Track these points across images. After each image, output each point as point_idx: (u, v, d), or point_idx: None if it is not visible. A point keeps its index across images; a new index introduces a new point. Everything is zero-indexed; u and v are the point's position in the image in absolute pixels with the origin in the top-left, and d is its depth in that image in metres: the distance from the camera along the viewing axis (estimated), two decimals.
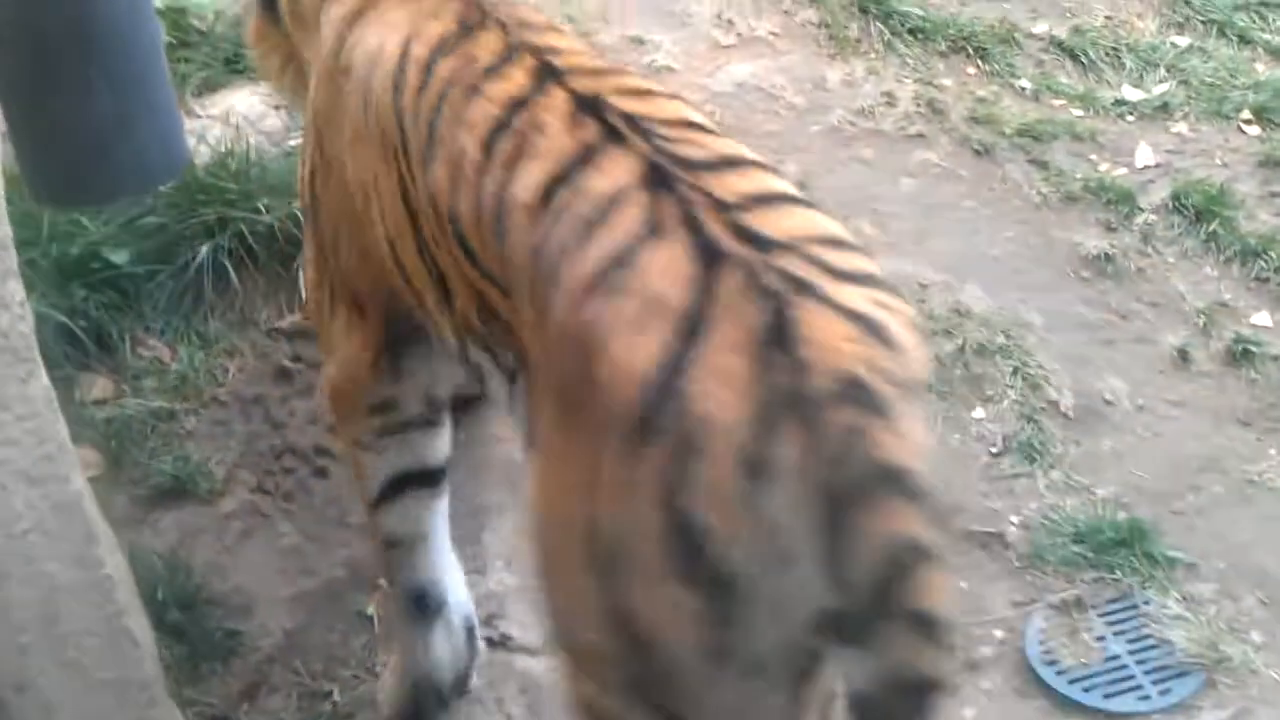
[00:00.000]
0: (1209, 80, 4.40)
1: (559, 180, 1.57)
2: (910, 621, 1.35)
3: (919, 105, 4.19)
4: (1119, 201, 3.83)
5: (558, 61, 1.77)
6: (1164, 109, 4.27)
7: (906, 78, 4.32)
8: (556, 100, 1.68)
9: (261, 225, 3.24)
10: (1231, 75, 4.44)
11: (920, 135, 4.09)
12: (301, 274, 2.43)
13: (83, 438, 2.80)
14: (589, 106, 1.65)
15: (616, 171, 1.54)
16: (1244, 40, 4.64)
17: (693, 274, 1.39)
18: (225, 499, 2.89)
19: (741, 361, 1.32)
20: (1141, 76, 4.41)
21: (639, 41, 4.47)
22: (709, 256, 1.40)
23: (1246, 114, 4.28)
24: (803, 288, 1.37)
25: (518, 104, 1.70)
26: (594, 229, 1.49)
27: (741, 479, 1.31)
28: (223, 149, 3.37)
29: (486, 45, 1.81)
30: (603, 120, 1.62)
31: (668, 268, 1.41)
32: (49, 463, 1.58)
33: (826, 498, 1.31)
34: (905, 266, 3.55)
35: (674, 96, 1.81)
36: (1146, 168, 4.03)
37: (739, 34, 4.55)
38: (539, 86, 1.71)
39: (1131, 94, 4.33)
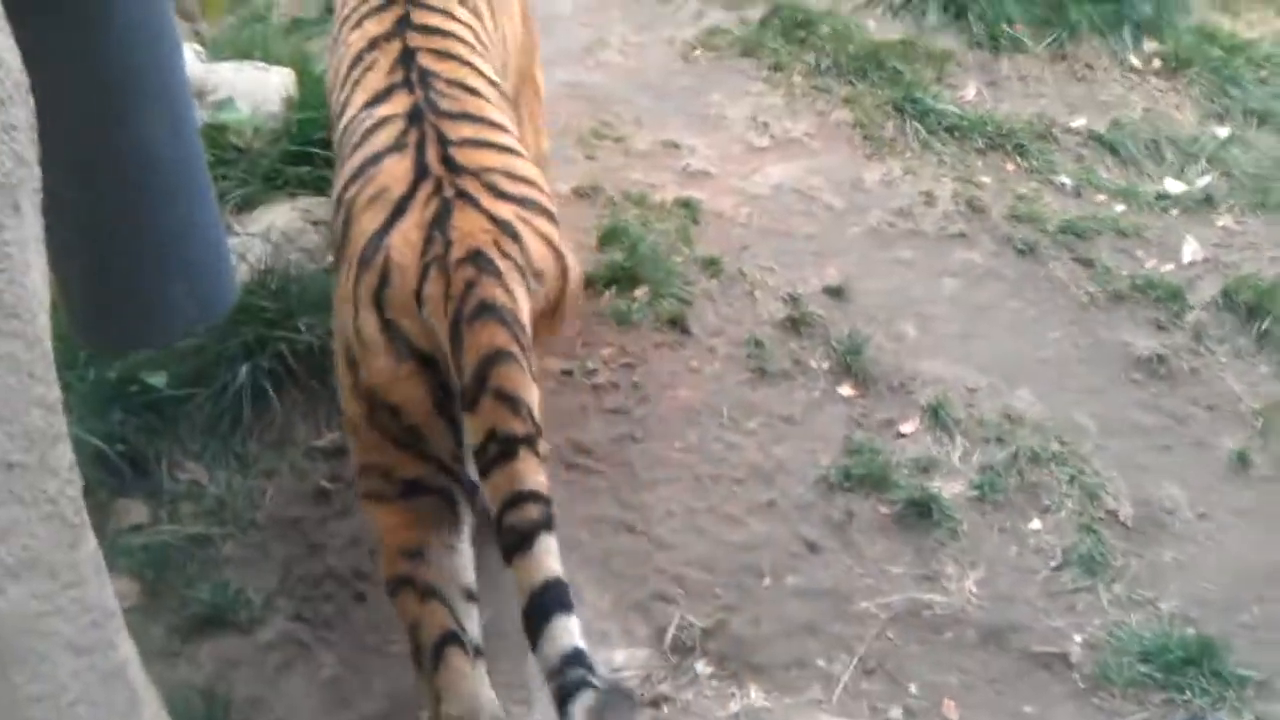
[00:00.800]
0: (1252, 171, 4.36)
1: (368, 104, 2.53)
2: (497, 396, 2.19)
3: (958, 204, 4.14)
4: (1168, 299, 3.76)
5: (414, 15, 2.68)
6: (1208, 202, 4.22)
7: (945, 176, 4.29)
8: (393, 47, 2.62)
9: (301, 344, 3.22)
10: (1275, 166, 4.40)
11: (961, 234, 4.04)
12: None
13: (119, 567, 2.77)
14: (407, 58, 2.59)
15: (395, 105, 2.49)
16: None
17: (408, 179, 2.35)
18: (264, 628, 2.83)
19: (418, 234, 2.29)
20: (1183, 169, 4.37)
21: (674, 145, 4.47)
22: (420, 170, 2.37)
23: None
24: (465, 198, 2.33)
25: (375, 41, 2.64)
26: (367, 137, 2.47)
27: (412, 300, 2.26)
28: (262, 267, 3.36)
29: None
30: (408, 70, 2.56)
31: (396, 172, 2.37)
32: (95, 630, 1.53)
33: (453, 318, 2.22)
34: (952, 370, 3.50)
35: (467, 63, 2.66)
36: (1193, 263, 3.97)
37: (773, 136, 4.55)
38: (393, 33, 2.64)
39: (1174, 187, 4.28)
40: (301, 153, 3.87)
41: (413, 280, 2.25)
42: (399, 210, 2.31)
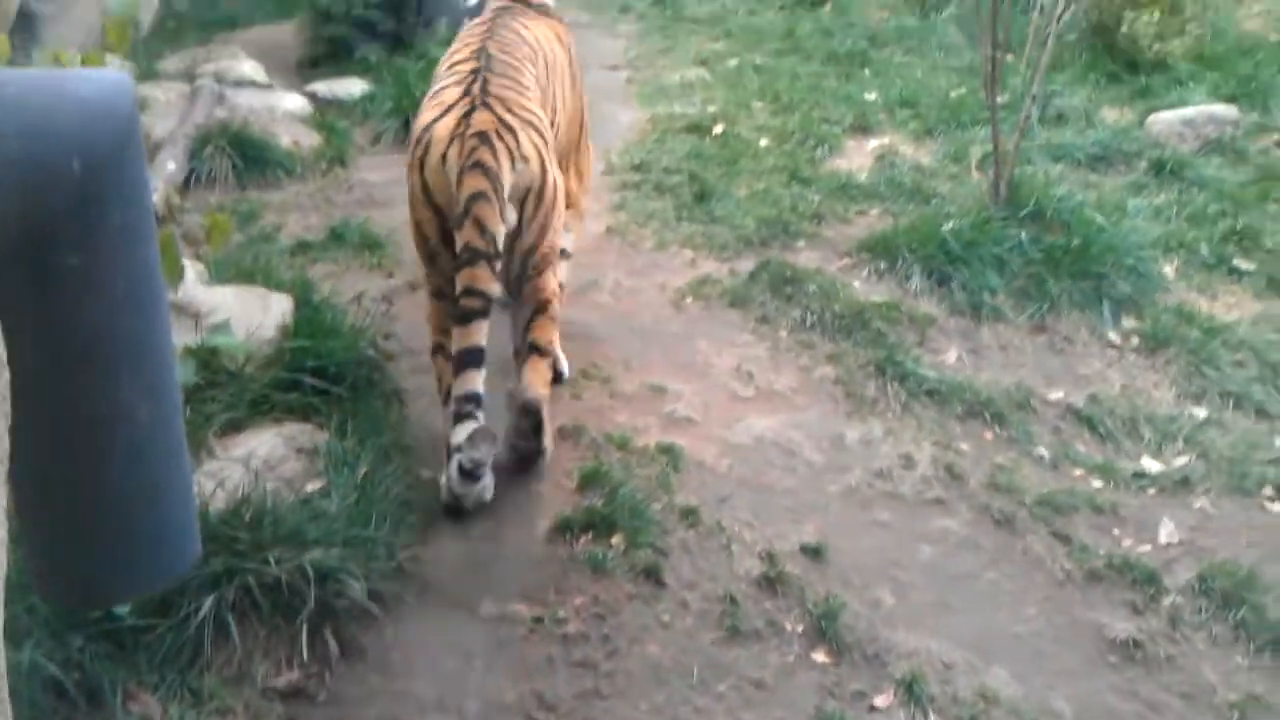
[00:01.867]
0: (1228, 455, 4.40)
1: (447, 70, 3.91)
2: (474, 222, 3.46)
3: (937, 469, 4.17)
4: (1144, 581, 3.74)
5: (491, 39, 3.97)
6: (1185, 483, 4.25)
7: (924, 440, 4.33)
8: (471, 58, 3.88)
9: (269, 577, 3.18)
10: (1251, 449, 4.45)
11: (939, 501, 4.05)
12: None
13: None
14: (480, 54, 3.87)
15: (464, 68, 3.82)
16: (1262, 413, 4.68)
17: (456, 97, 3.66)
18: None
19: (452, 122, 3.57)
20: (1160, 448, 4.43)
21: (660, 390, 4.53)
22: (465, 94, 3.66)
23: (1269, 490, 4.26)
24: (487, 107, 3.62)
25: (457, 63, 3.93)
26: (440, 81, 3.86)
27: (439, 163, 3.54)
28: (239, 495, 3.35)
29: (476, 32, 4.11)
30: (478, 59, 3.85)
31: (451, 95, 3.69)
32: None
33: (457, 170, 3.54)
34: (928, 642, 3.44)
35: (520, 77, 3.85)
36: (1170, 545, 3.97)
37: (758, 387, 4.61)
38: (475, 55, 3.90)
39: (1151, 466, 4.33)
40: (292, 380, 3.92)
41: (441, 148, 3.58)
42: (446, 111, 3.65)
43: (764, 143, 6.98)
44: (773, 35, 9.11)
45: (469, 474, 3.53)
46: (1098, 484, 4.22)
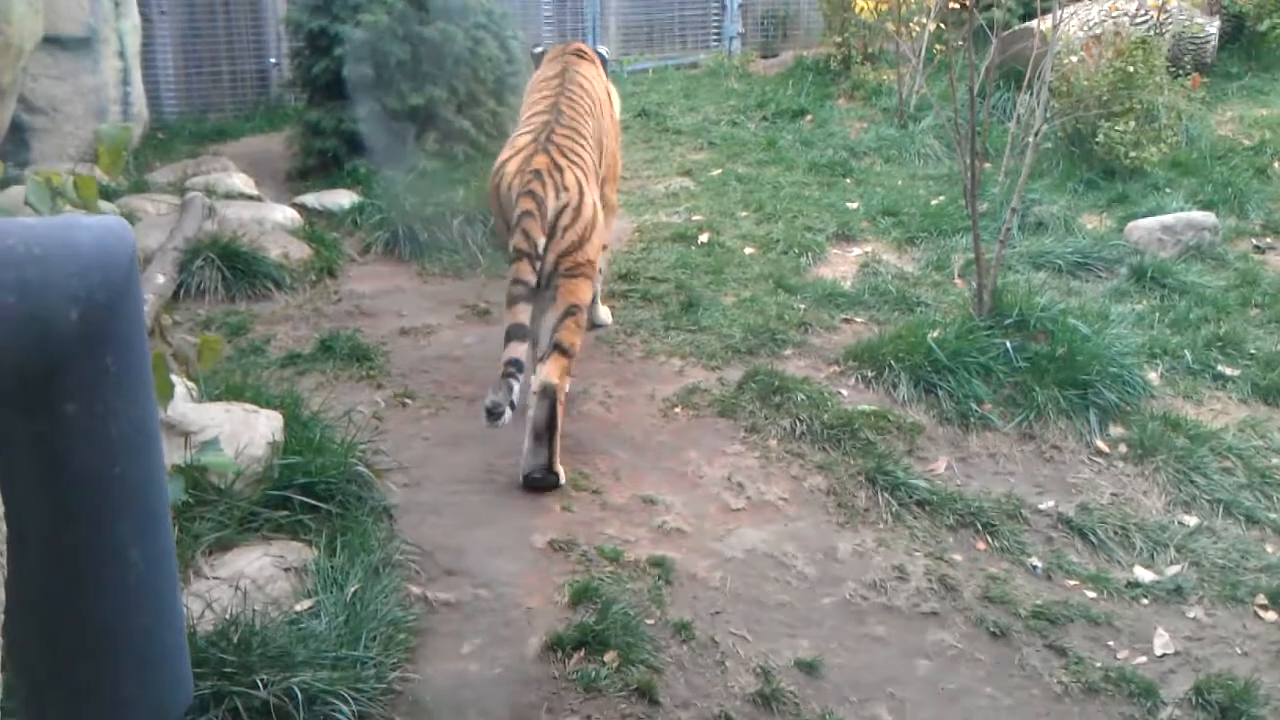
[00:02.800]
0: (1220, 563, 4.40)
1: (527, 118, 5.24)
2: (522, 230, 4.67)
3: (931, 581, 4.16)
4: (1141, 694, 3.71)
5: (563, 95, 5.25)
6: (1178, 592, 4.24)
7: (917, 551, 4.32)
8: (549, 101, 5.25)
9: (257, 701, 3.12)
10: (1242, 557, 4.45)
11: (934, 613, 4.03)
12: None
13: None
14: (553, 108, 5.18)
15: (537, 120, 5.12)
16: (1251, 520, 4.69)
17: (527, 141, 4.94)
18: None
19: (519, 161, 4.84)
20: (1152, 557, 4.42)
21: (651, 501, 4.52)
22: (534, 140, 4.93)
23: (1261, 599, 4.26)
24: (545, 152, 4.86)
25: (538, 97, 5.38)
26: (520, 128, 5.20)
27: (509, 189, 4.80)
28: (227, 617, 3.31)
29: (550, 73, 5.52)
30: (550, 111, 5.16)
31: (523, 140, 4.97)
32: None
33: (517, 195, 4.77)
34: None
35: (576, 124, 5.10)
36: (1165, 656, 3.94)
37: (749, 498, 4.61)
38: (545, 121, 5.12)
39: (1144, 575, 4.32)
40: (281, 498, 3.90)
41: (509, 179, 4.83)
42: (517, 153, 4.93)
43: (749, 251, 7.06)
44: (755, 146, 9.27)
45: (490, 412, 4.39)
46: (1091, 594, 4.20)
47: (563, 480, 4.55)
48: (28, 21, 7.14)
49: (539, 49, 6.10)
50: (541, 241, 4.68)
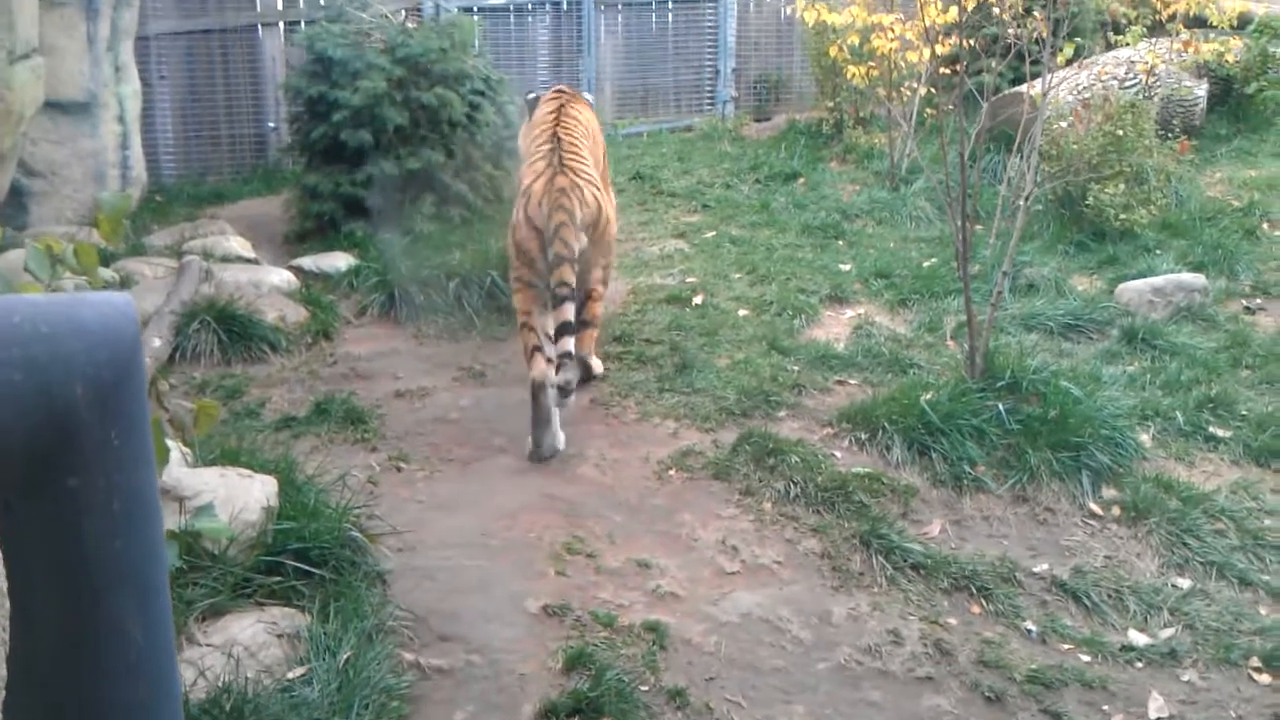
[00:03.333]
0: (1214, 625, 4.40)
1: (535, 146, 6.03)
2: (558, 240, 5.50)
3: (926, 645, 4.15)
4: None
5: (559, 125, 6.07)
6: (1172, 656, 4.23)
7: (912, 615, 4.32)
8: (550, 134, 6.00)
9: None
10: (1236, 620, 4.44)
11: (929, 678, 4.02)
12: None
13: None
14: (554, 137, 5.94)
15: (545, 147, 5.90)
16: (1245, 582, 4.69)
17: (544, 166, 5.76)
18: None
19: (543, 183, 5.64)
20: (1146, 620, 4.42)
21: (645, 565, 4.52)
22: (548, 165, 5.75)
23: (1255, 661, 4.24)
24: (563, 174, 5.69)
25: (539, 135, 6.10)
26: (532, 155, 5.99)
27: (536, 209, 5.58)
28: (220, 684, 3.30)
29: (547, 110, 6.27)
30: (554, 139, 5.94)
31: (540, 164, 5.79)
32: None
33: (546, 212, 5.56)
34: None
35: (577, 145, 5.96)
36: None
37: (743, 561, 4.61)
38: (552, 130, 6.04)
39: (1138, 639, 4.31)
40: (274, 563, 3.90)
41: (538, 198, 5.58)
42: (538, 176, 5.69)
43: (743, 313, 7.11)
44: (748, 208, 9.36)
45: (563, 390, 5.49)
46: (1086, 658, 4.19)
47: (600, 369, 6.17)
48: (29, 88, 7.23)
49: (532, 95, 6.89)
50: (580, 244, 5.61)
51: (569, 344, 5.45)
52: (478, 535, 4.67)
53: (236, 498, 3.99)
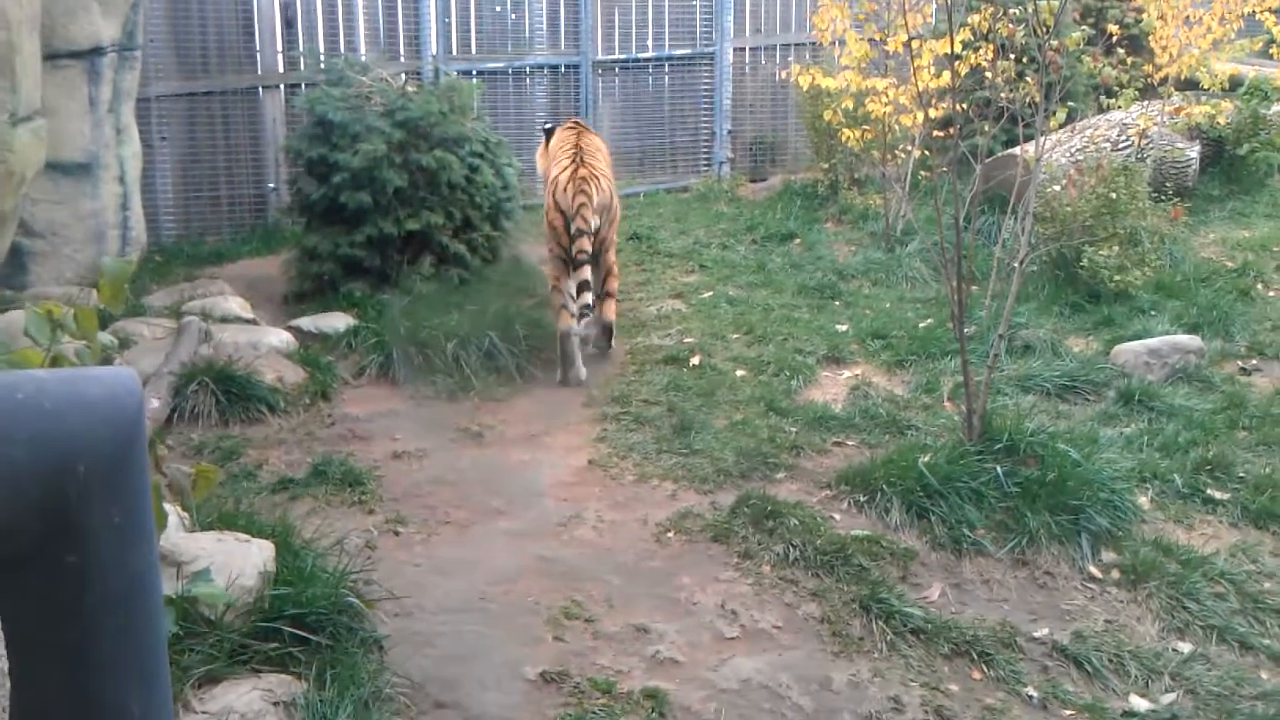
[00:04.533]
0: (1215, 690, 4.36)
1: (557, 157, 7.78)
2: (580, 218, 7.24)
3: (927, 712, 4.12)
4: None
5: (580, 142, 7.76)
6: None
7: (913, 681, 4.29)
8: (571, 155, 7.65)
9: None
10: (1237, 684, 4.41)
11: None
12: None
13: None
14: (577, 152, 7.61)
15: (569, 154, 7.58)
16: (1245, 646, 4.66)
17: (568, 163, 7.48)
18: None
19: (569, 174, 7.36)
20: (1148, 685, 4.38)
21: (644, 630, 4.50)
22: (571, 162, 7.47)
23: None
24: (583, 166, 7.43)
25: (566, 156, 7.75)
26: (557, 159, 7.73)
27: (563, 193, 7.33)
28: None
29: (566, 133, 8.03)
30: (576, 150, 7.65)
31: (565, 161, 7.53)
32: None
33: (571, 195, 7.29)
34: None
35: (595, 162, 7.63)
36: None
37: (743, 625, 4.58)
38: (575, 152, 7.65)
39: (1140, 704, 4.28)
40: (271, 629, 3.88)
41: (564, 184, 7.28)
42: (564, 169, 7.36)
43: (740, 373, 7.13)
44: (745, 269, 9.41)
45: (584, 339, 7.31)
46: None
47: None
48: (31, 150, 7.28)
49: (550, 125, 8.57)
50: (595, 222, 7.24)
51: (588, 298, 7.09)
52: (476, 599, 4.64)
53: (234, 563, 3.97)
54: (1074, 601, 4.85)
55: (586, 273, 7.13)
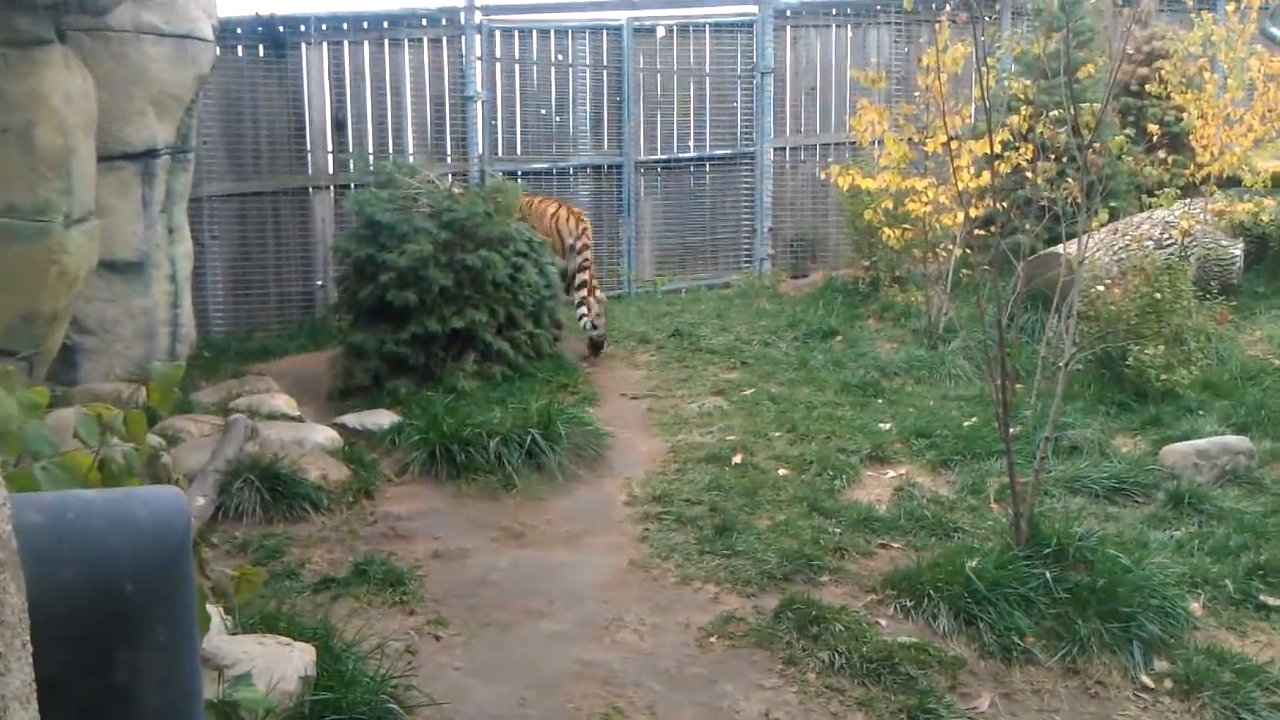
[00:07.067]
0: None
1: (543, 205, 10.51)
2: (582, 245, 10.12)
3: None
4: None
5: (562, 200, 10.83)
6: None
7: None
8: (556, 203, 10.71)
9: None
10: None
11: None
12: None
13: None
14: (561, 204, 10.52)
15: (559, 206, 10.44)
16: None
17: (558, 208, 10.17)
18: None
19: (565, 210, 10.11)
20: None
21: None
22: (562, 209, 10.15)
23: None
24: (566, 209, 10.28)
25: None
26: (546, 208, 10.31)
27: (566, 222, 10.08)
28: None
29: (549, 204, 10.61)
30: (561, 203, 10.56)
31: (554, 206, 10.21)
32: None
33: (567, 226, 10.13)
34: None
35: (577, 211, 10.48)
36: None
37: None
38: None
39: None
40: None
41: (565, 219, 10.00)
42: (558, 208, 10.16)
43: (783, 472, 7.08)
44: (787, 365, 9.41)
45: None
46: None
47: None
48: (85, 251, 7.46)
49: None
50: (581, 243, 9.80)
51: (584, 291, 9.62)
52: (515, 706, 4.59)
53: (275, 666, 3.96)
54: (1127, 712, 4.72)
55: (592, 283, 10.07)
